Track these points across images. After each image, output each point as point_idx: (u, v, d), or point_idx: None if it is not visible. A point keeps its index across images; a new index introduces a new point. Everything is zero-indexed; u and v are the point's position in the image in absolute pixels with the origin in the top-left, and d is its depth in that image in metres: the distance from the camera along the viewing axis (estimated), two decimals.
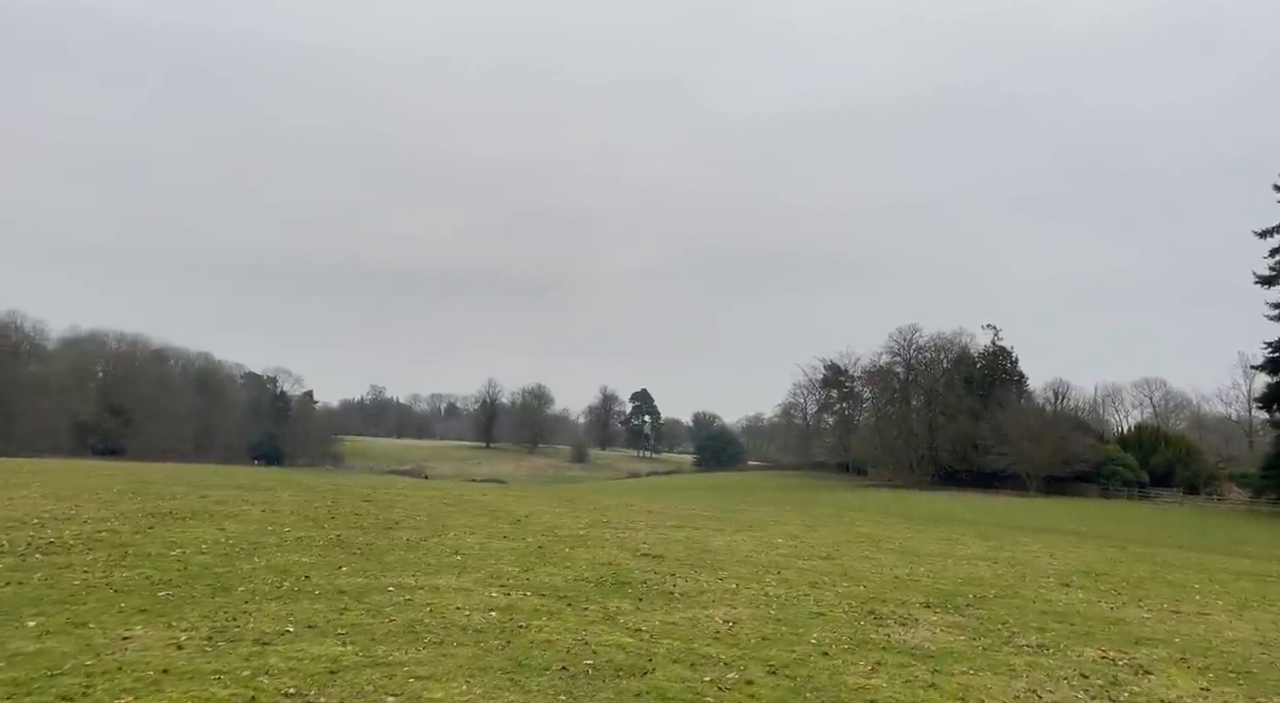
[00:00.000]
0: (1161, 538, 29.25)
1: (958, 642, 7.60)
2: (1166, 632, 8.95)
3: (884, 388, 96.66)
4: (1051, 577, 13.43)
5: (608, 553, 12.09)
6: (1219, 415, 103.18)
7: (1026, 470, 78.34)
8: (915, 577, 12.33)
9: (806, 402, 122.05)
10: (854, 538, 18.85)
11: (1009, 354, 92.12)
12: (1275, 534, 40.79)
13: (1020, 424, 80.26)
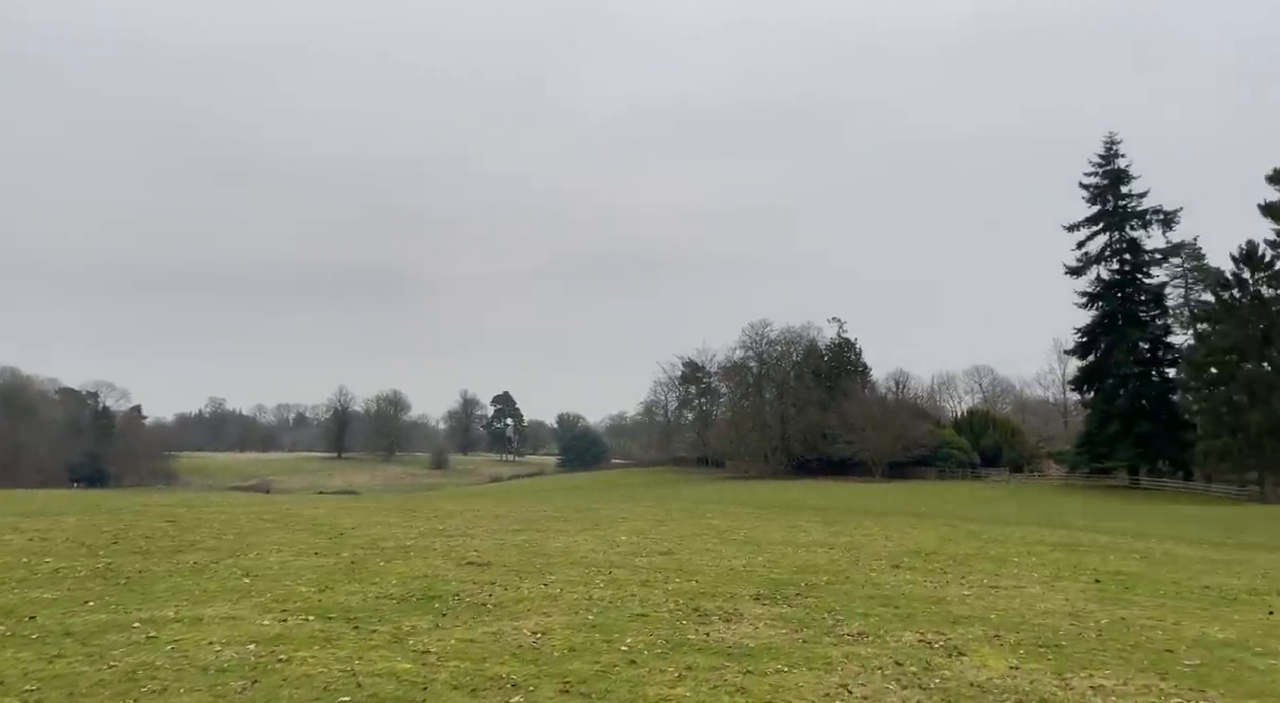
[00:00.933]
0: (989, 514, 30.90)
1: (779, 636, 7.24)
2: (984, 608, 8.99)
3: (739, 382, 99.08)
4: (884, 559, 13.55)
5: (428, 564, 11.16)
6: (1039, 398, 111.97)
7: (872, 457, 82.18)
8: (752, 568, 12.10)
9: (667, 399, 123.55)
10: (701, 531, 18.63)
11: (853, 346, 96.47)
12: (1086, 505, 44.35)
13: (865, 413, 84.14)
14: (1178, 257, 63.61)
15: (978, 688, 5.73)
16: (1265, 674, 6.38)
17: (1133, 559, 14.55)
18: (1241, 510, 41.79)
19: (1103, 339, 66.18)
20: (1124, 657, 6.81)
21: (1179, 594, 10.59)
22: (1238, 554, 16.72)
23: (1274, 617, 9.05)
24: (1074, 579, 11.69)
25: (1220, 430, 54.46)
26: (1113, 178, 64.16)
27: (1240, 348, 53.22)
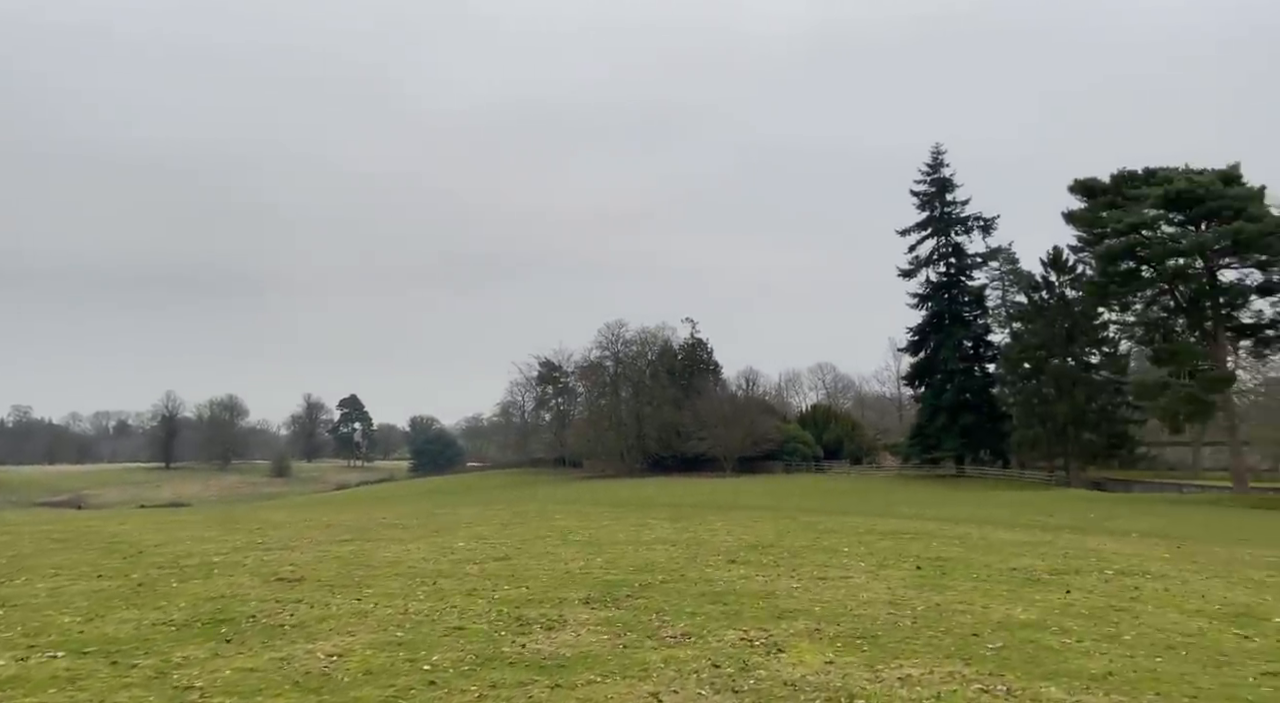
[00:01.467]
0: (829, 506, 32.13)
1: (600, 642, 6.93)
2: (810, 601, 9.04)
3: (596, 382, 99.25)
4: (721, 555, 13.56)
5: (230, 583, 10.15)
6: (877, 394, 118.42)
7: (723, 453, 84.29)
8: (588, 570, 11.77)
9: (524, 400, 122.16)
10: (545, 533, 18.17)
11: (705, 346, 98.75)
12: (917, 494, 47.14)
13: (717, 411, 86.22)
14: (996, 260, 68.87)
15: (791, 687, 5.61)
16: (1059, 653, 6.64)
17: (953, 545, 15.26)
18: (1049, 495, 45.56)
19: (932, 337, 70.63)
20: (934, 644, 6.93)
21: (990, 577, 11.10)
22: (1044, 536, 17.94)
23: (1071, 596, 9.59)
24: (897, 567, 12.06)
25: (1032, 421, 59.27)
26: (939, 186, 68.63)
27: (1048, 345, 58.11)
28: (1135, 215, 38.00)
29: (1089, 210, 41.13)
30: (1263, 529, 24.07)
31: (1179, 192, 36.71)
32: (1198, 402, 38.72)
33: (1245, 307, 40.66)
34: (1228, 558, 14.22)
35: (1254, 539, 19.95)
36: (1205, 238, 36.69)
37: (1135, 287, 41.05)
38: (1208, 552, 15.43)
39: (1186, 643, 7.09)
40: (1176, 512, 31.94)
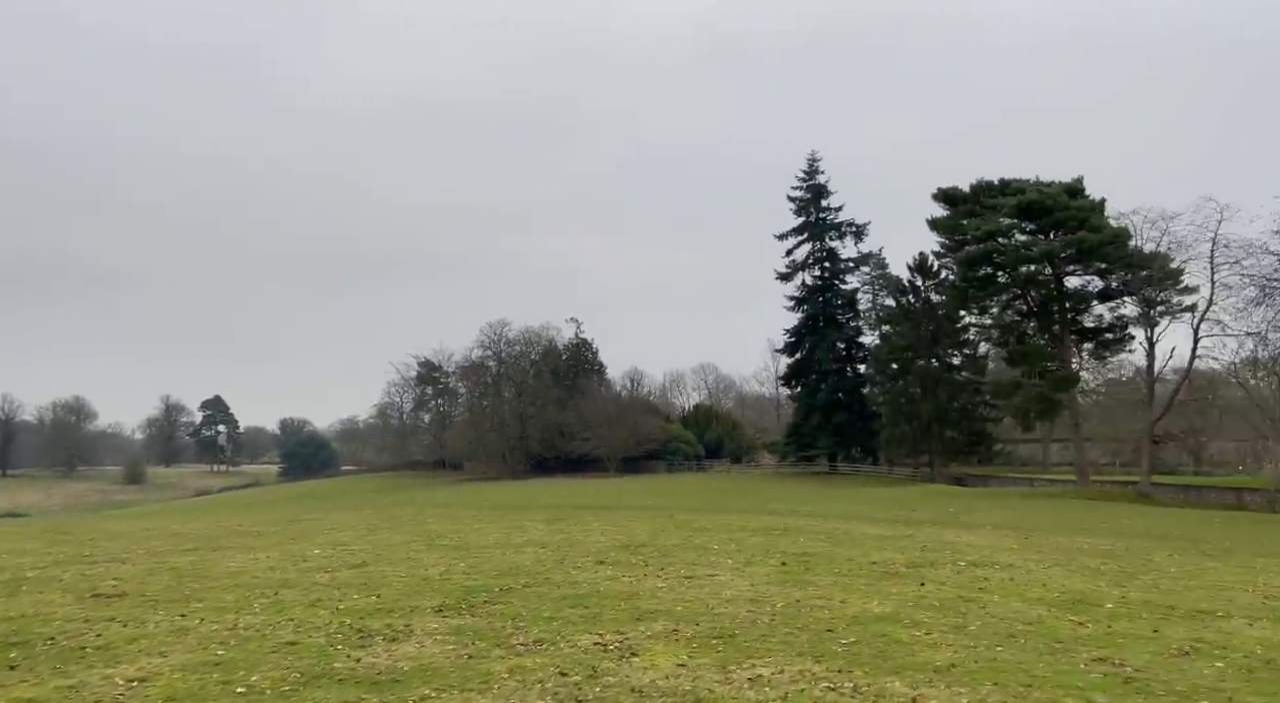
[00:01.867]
0: (707, 504, 32.45)
1: (444, 654, 6.51)
2: (673, 601, 8.87)
3: (477, 382, 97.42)
4: (591, 556, 13.29)
5: (38, 600, 9.12)
6: (757, 394, 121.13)
7: (607, 453, 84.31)
8: (449, 576, 11.25)
9: (403, 400, 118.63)
10: (413, 537, 17.45)
11: (590, 346, 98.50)
12: (791, 491, 48.37)
13: (601, 411, 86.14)
14: (868, 265, 71.52)
15: (638, 693, 5.37)
16: (908, 647, 6.69)
17: (819, 540, 15.54)
18: (915, 490, 47.62)
19: (807, 339, 72.74)
20: (788, 641, 6.86)
21: (851, 572, 11.28)
22: (905, 531, 18.56)
23: (925, 588, 9.81)
24: (763, 564, 12.11)
25: (899, 420, 61.88)
26: (814, 192, 70.80)
27: (915, 346, 60.83)
28: (991, 224, 40.34)
29: (950, 218, 43.41)
30: (1100, 519, 25.82)
31: (1030, 202, 39.27)
32: (1046, 400, 41.44)
33: (1088, 311, 43.90)
34: (1068, 547, 15.03)
35: (1092, 529, 21.32)
36: (1053, 246, 39.35)
37: (992, 291, 43.58)
38: (1051, 542, 16.30)
39: (1026, 631, 7.30)
40: (1027, 505, 33.94)
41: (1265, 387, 44.61)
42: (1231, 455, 56.24)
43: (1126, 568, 11.89)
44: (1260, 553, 14.99)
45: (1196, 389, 45.74)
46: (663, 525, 19.27)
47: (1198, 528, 22.66)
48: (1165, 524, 24.04)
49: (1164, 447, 52.98)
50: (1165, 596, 9.46)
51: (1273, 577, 11.17)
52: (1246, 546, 17.02)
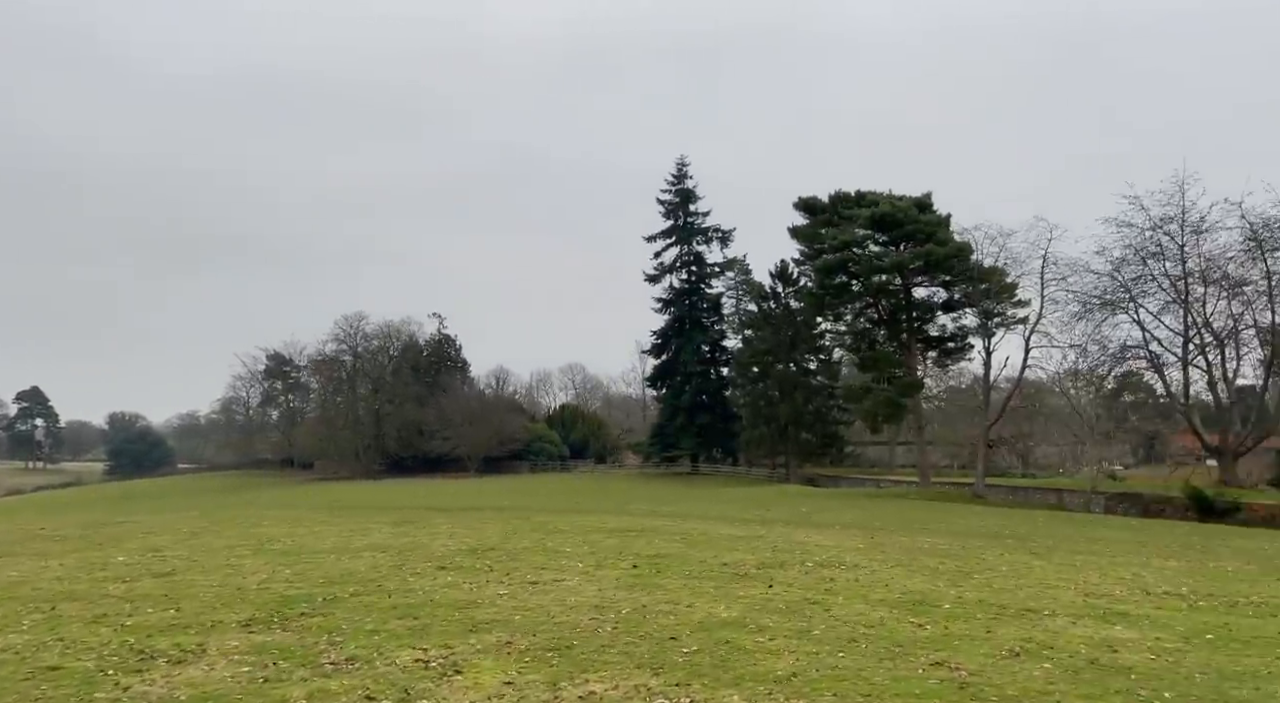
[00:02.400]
0: (567, 505, 31.94)
1: (235, 677, 5.71)
2: (512, 610, 8.32)
3: (331, 378, 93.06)
4: (434, 561, 12.52)
5: None
6: (624, 395, 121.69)
7: (468, 452, 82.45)
8: (269, 584, 10.25)
9: (249, 395, 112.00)
10: (240, 542, 16.06)
11: (453, 342, 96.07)
12: (654, 492, 48.63)
13: (463, 409, 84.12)
14: (732, 270, 73.16)
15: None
16: (750, 655, 6.43)
17: (674, 541, 15.35)
18: (771, 490, 48.86)
19: (674, 341, 73.62)
20: (628, 652, 6.47)
21: (702, 574, 11.07)
22: (760, 531, 18.70)
23: (773, 590, 9.69)
24: (615, 567, 11.74)
25: (759, 422, 63.52)
26: (683, 196, 71.74)
27: (774, 351, 62.62)
28: (848, 234, 42.01)
29: (810, 227, 44.94)
30: (939, 519, 27.10)
31: (883, 214, 41.17)
32: (894, 405, 43.51)
33: (932, 321, 46.47)
34: (910, 547, 15.49)
35: (932, 528, 22.26)
36: (903, 257, 41.39)
37: (847, 299, 45.41)
38: (895, 541, 16.79)
39: (868, 635, 7.21)
40: (873, 505, 35.34)
41: (1083, 396, 48.54)
42: (1054, 459, 60.99)
43: (963, 567, 12.26)
44: (1078, 551, 15.93)
45: (1026, 397, 49.19)
46: (516, 528, 18.62)
47: (1025, 527, 24.10)
48: (997, 523, 25.46)
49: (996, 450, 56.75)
50: (997, 595, 9.72)
51: (1091, 575, 11.78)
52: (1066, 544, 18.12)
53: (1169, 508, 35.16)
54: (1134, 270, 40.57)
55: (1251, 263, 38.76)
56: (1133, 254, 40.33)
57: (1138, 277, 40.56)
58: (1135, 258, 40.31)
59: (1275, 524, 31.08)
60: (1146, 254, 40.12)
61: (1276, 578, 12.29)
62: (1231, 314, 40.47)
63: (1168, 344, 41.39)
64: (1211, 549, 17.47)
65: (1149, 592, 10.12)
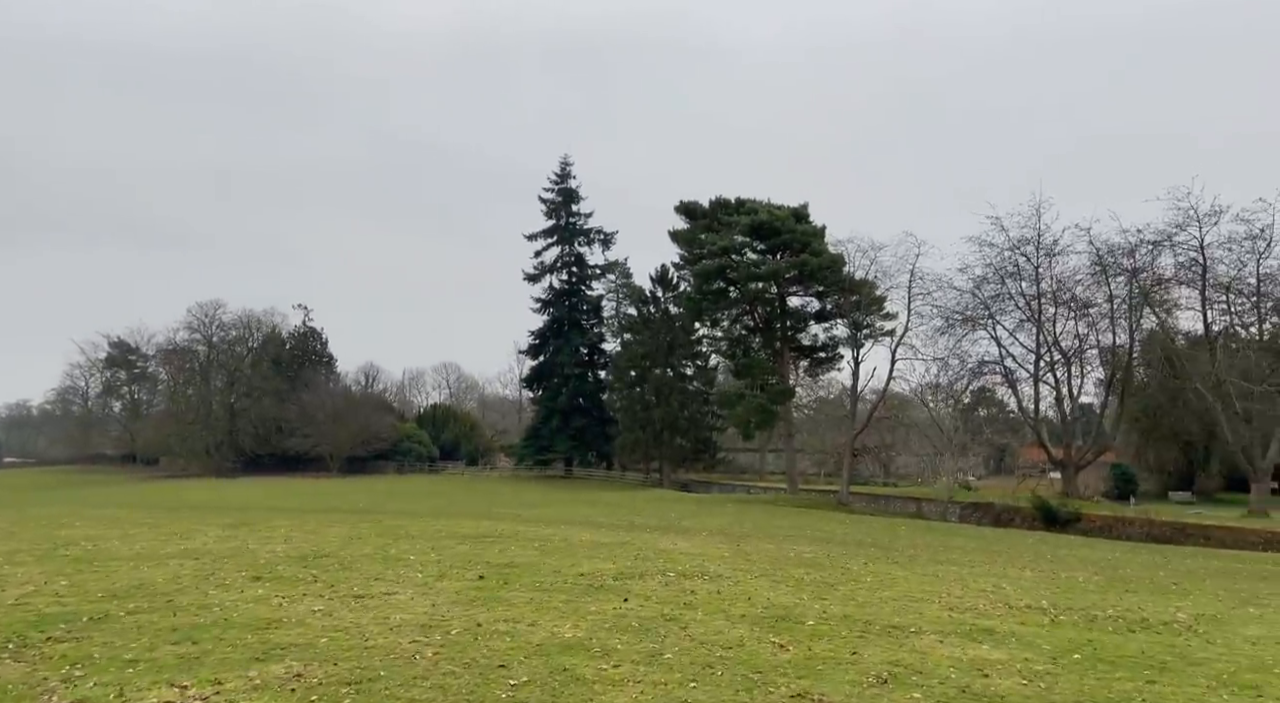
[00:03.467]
0: (427, 508, 30.31)
1: None
2: (320, 631, 7.11)
3: (181, 368, 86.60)
4: (251, 570, 11.04)
5: None
6: (500, 396, 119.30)
7: (330, 451, 78.44)
8: (31, 598, 8.64)
9: (88, 385, 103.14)
10: (28, 546, 14.06)
11: (319, 335, 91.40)
12: (524, 494, 47.27)
13: (326, 406, 79.96)
14: (613, 273, 72.63)
15: None
16: (590, 687, 5.52)
17: (531, 549, 14.33)
18: (644, 495, 48.44)
19: (552, 342, 72.36)
20: (443, 685, 5.44)
21: (554, 585, 10.10)
22: (625, 537, 17.91)
23: (628, 605, 8.84)
24: (459, 577, 10.62)
25: (634, 425, 63.12)
26: (566, 196, 70.69)
27: (652, 355, 62.40)
28: (726, 240, 42.13)
29: (689, 231, 44.87)
30: (806, 526, 27.17)
31: (761, 222, 41.51)
32: (766, 411, 43.90)
33: (805, 330, 47.34)
34: (776, 555, 15.04)
35: (799, 536, 22.12)
36: (779, 266, 41.85)
37: (724, 305, 45.58)
38: (761, 549, 16.34)
39: (725, 659, 6.43)
40: (743, 511, 35.34)
41: (943, 408, 50.56)
42: (914, 469, 63.38)
43: (828, 578, 11.81)
44: (939, 560, 15.92)
45: (890, 408, 50.77)
46: (362, 532, 17.13)
47: (887, 536, 24.36)
48: (860, 531, 25.69)
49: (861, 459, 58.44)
50: (862, 608, 9.21)
51: (953, 586, 11.55)
52: (928, 552, 18.22)
53: (1018, 517, 36.82)
54: (993, 289, 42.53)
55: (1097, 286, 41.29)
56: (993, 273, 42.28)
57: (996, 294, 42.53)
58: (995, 276, 42.26)
59: (1110, 534, 32.97)
60: (1005, 273, 42.12)
61: (1124, 589, 12.44)
62: (1078, 334, 43.04)
63: (1021, 360, 43.59)
64: (1060, 559, 17.91)
65: (1011, 605, 9.87)
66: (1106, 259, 40.21)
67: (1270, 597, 12.33)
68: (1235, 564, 19.33)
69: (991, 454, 69.61)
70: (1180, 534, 31.46)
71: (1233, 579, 15.40)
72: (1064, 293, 41.93)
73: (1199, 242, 37.06)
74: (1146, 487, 49.59)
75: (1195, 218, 36.71)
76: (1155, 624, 8.99)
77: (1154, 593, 12.11)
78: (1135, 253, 39.48)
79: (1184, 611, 10.16)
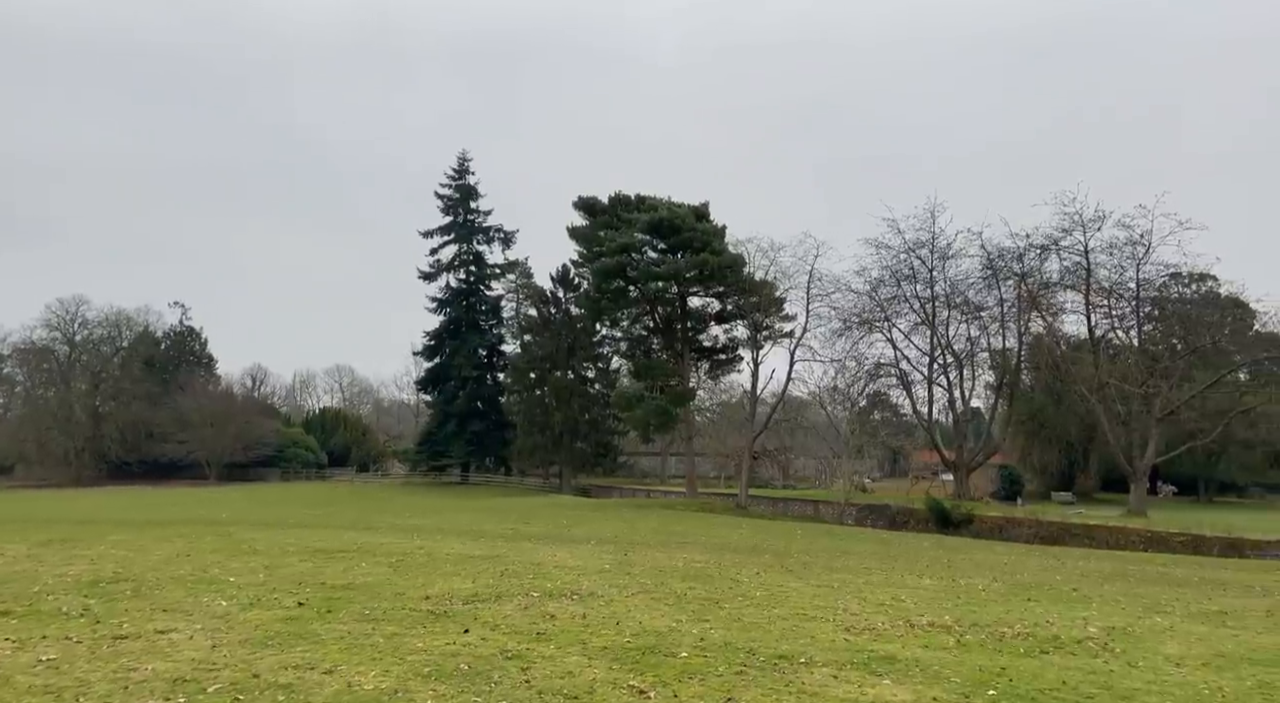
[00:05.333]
0: (295, 518, 27.78)
1: None
2: (18, 693, 5.30)
3: (38, 369, 79.67)
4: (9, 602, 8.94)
5: None
6: (397, 399, 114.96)
7: (207, 458, 73.62)
8: None
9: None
10: None
11: (198, 335, 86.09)
12: (411, 502, 44.78)
13: (204, 410, 75.01)
14: (513, 273, 70.55)
15: None
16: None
17: (384, 566, 12.57)
18: (540, 501, 46.63)
19: (448, 343, 69.79)
20: None
21: (387, 613, 8.45)
22: (502, 548, 16.30)
23: (467, 638, 7.29)
24: (274, 605, 8.84)
25: (533, 430, 61.27)
26: (464, 192, 68.35)
27: (553, 357, 60.74)
28: (626, 237, 40.90)
29: (589, 228, 43.46)
30: (701, 531, 26.06)
31: (661, 220, 40.48)
32: (665, 414, 42.86)
33: (705, 332, 46.62)
34: (663, 566, 13.75)
35: (692, 542, 20.95)
36: (679, 265, 40.89)
37: (623, 304, 44.32)
38: (648, 559, 15.02)
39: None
40: (638, 516, 34.07)
41: (840, 411, 50.70)
42: (812, 472, 63.69)
43: (713, 593, 10.53)
44: (834, 568, 14.95)
45: (788, 410, 50.58)
46: (197, 547, 14.94)
47: (783, 541, 23.49)
48: (756, 537, 24.75)
49: (760, 462, 58.20)
50: (747, 632, 7.93)
51: (850, 600, 10.45)
52: (823, 559, 17.29)
53: (913, 520, 36.82)
54: (889, 291, 42.69)
55: (988, 290, 41.95)
56: (889, 275, 42.44)
57: (893, 297, 42.71)
58: (891, 279, 42.43)
59: (1001, 535, 33.21)
60: (901, 276, 42.33)
61: (1026, 597, 11.64)
62: (970, 337, 43.66)
63: (916, 363, 43.91)
64: (957, 564, 17.26)
65: (913, 623, 8.77)
66: (997, 263, 40.88)
67: (1171, 603, 11.76)
68: (1125, 566, 19.17)
69: (887, 457, 70.77)
70: (1066, 534, 31.88)
71: (1127, 582, 14.97)
72: (957, 296, 42.48)
73: (1084, 246, 38.01)
74: (1031, 487, 50.97)
75: (1080, 223, 37.62)
76: (1068, 643, 8.03)
77: (1056, 601, 11.34)
78: (1024, 257, 40.26)
79: (1092, 624, 9.30)
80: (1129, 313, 40.06)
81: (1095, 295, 39.31)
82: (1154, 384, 37.47)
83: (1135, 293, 38.85)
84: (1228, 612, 10.93)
